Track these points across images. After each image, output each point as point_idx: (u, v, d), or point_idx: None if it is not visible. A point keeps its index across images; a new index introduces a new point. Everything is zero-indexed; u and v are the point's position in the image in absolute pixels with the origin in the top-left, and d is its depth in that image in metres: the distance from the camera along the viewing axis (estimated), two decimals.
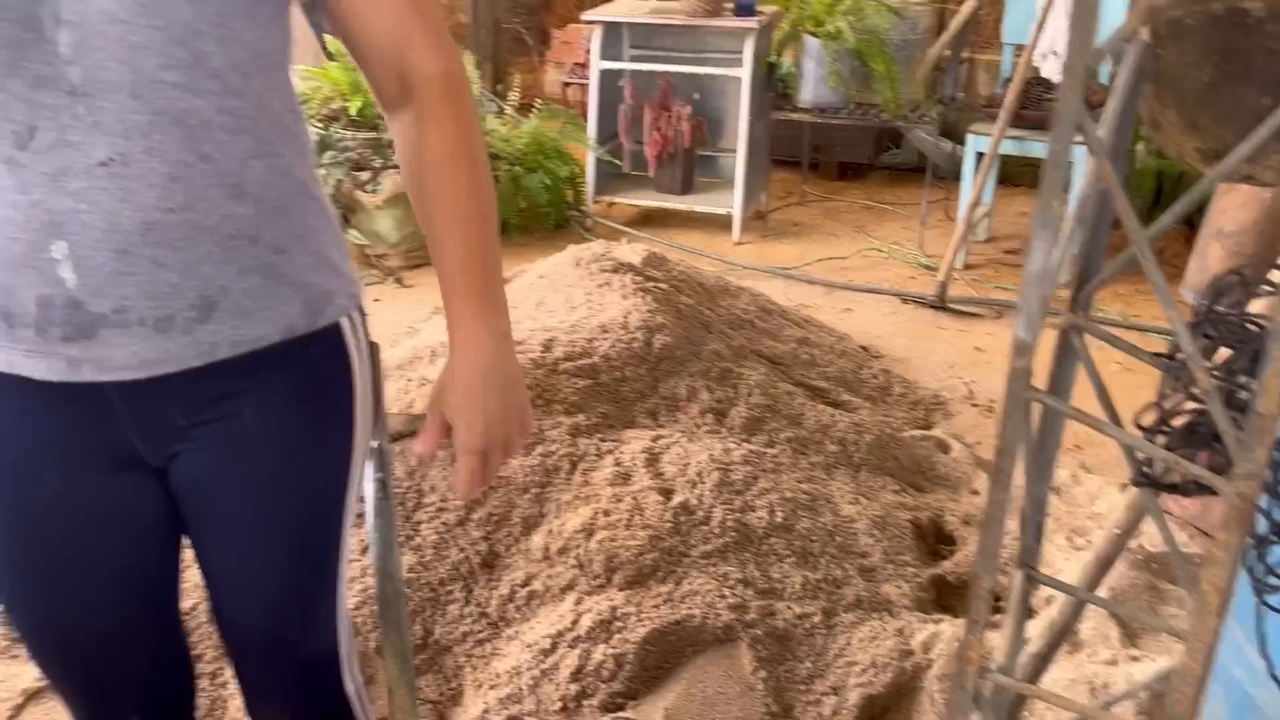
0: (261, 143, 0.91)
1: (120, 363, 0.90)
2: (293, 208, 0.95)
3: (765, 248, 4.10)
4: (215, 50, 0.85)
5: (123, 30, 0.81)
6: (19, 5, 0.78)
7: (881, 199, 4.59)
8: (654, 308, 2.45)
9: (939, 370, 3.06)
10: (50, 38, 0.79)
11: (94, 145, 0.82)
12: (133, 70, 0.82)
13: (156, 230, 0.86)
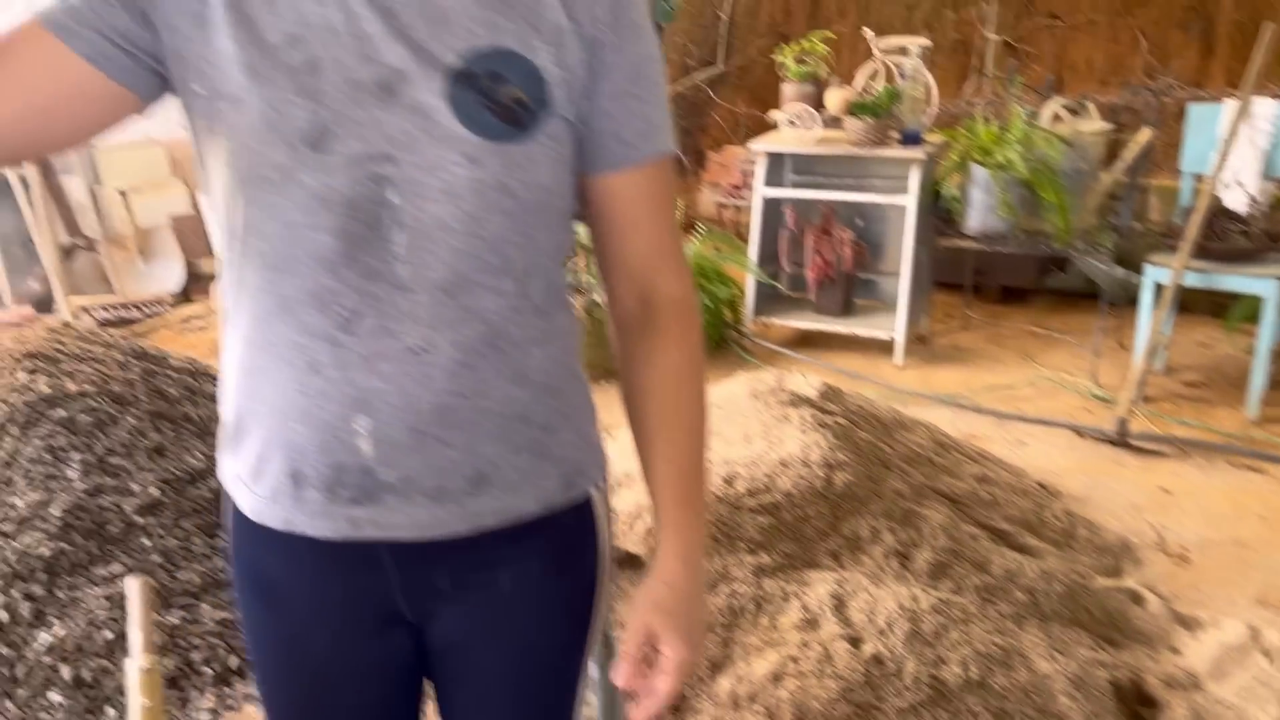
0: (541, 332, 0.97)
1: (398, 525, 0.96)
2: (563, 389, 1.01)
3: (928, 373, 4.05)
4: (518, 255, 0.93)
5: (449, 237, 0.88)
6: (369, 208, 0.87)
7: (1047, 325, 4.49)
8: (833, 443, 2.44)
9: (1124, 512, 2.94)
10: (388, 237, 0.88)
11: (407, 333, 0.89)
12: (452, 271, 0.89)
13: (448, 412, 0.92)
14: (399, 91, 0.86)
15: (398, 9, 0.87)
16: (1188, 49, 5.52)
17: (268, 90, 0.86)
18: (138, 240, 4.83)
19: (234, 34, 0.86)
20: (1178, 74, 5.45)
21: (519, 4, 0.90)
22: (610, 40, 0.93)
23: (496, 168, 0.88)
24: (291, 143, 0.85)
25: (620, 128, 0.95)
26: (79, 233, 4.69)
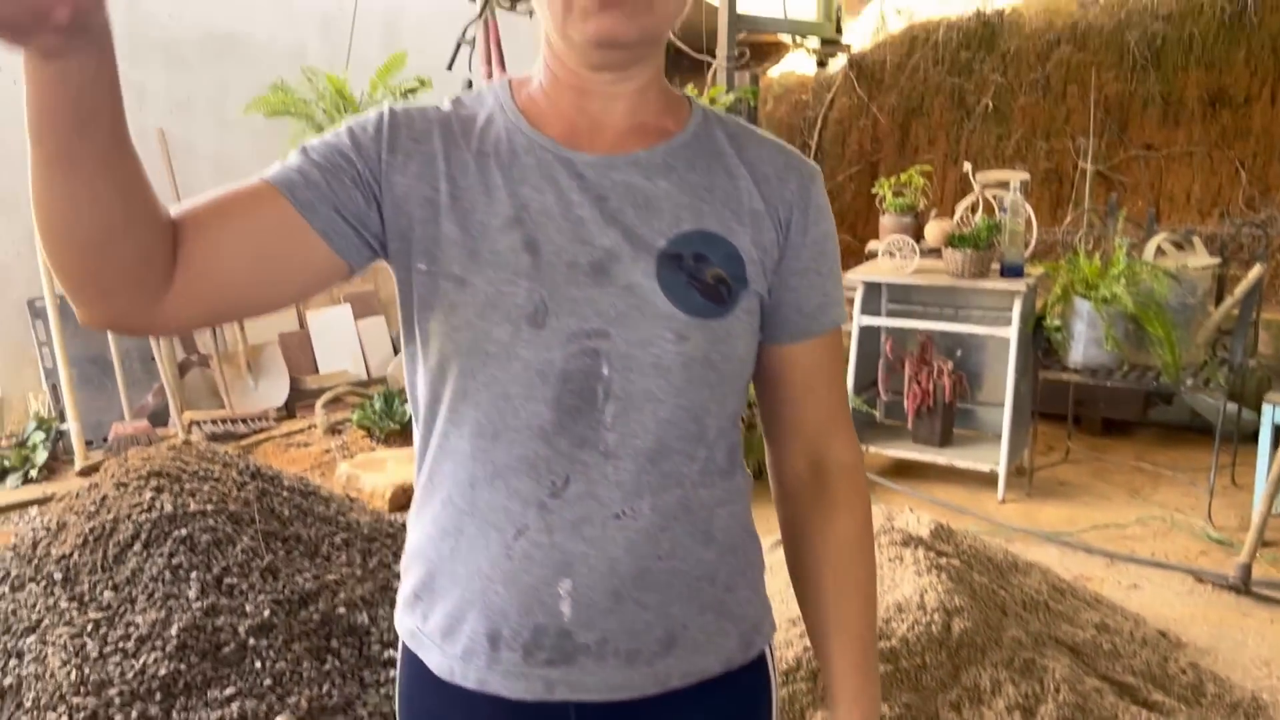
0: (725, 492, 1.00)
1: (591, 686, 0.97)
2: (742, 547, 1.03)
3: (1032, 508, 3.95)
4: (712, 423, 0.97)
5: (656, 407, 0.93)
6: (582, 380, 0.91)
7: (1154, 460, 4.37)
8: (949, 586, 2.38)
9: (1252, 666, 2.79)
10: (600, 408, 0.92)
11: (613, 499, 0.93)
12: (657, 439, 0.93)
13: (646, 576, 0.95)
14: (612, 272, 0.92)
15: (609, 195, 0.94)
16: None
17: (490, 271, 0.91)
18: (248, 356, 5.01)
19: (458, 219, 0.92)
20: None
21: (719, 190, 0.97)
22: (798, 221, 1.00)
23: (701, 342, 0.93)
24: (513, 320, 0.90)
25: (803, 301, 1.01)
26: (195, 350, 4.89)
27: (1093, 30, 6.17)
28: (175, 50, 4.97)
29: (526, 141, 0.96)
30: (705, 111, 1.03)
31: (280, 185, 0.90)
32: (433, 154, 0.94)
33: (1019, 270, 3.97)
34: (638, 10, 0.89)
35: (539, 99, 0.99)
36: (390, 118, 0.95)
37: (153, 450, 3.10)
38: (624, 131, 0.97)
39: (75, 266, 0.81)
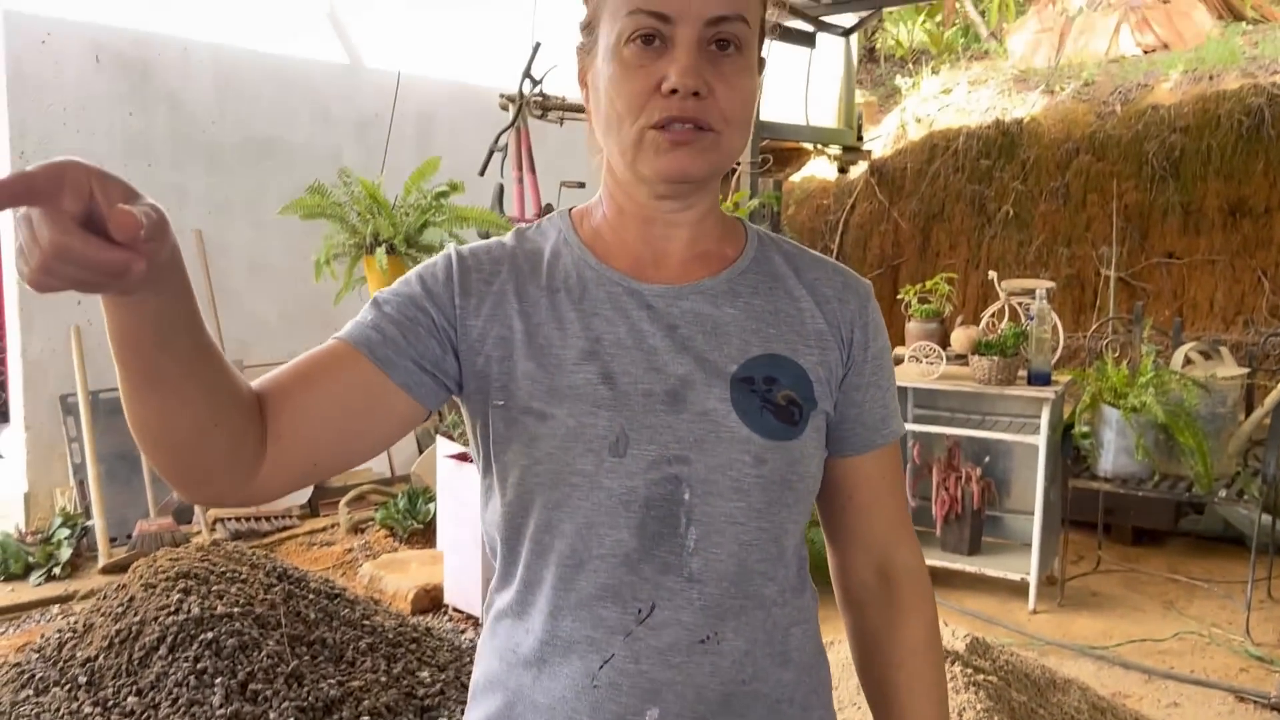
0: (798, 610, 1.01)
1: None
2: (815, 665, 1.03)
3: (1064, 619, 3.88)
4: (789, 542, 0.99)
5: (738, 530, 0.94)
6: (665, 506, 0.92)
7: (1188, 571, 4.29)
8: (987, 705, 2.33)
9: None
10: (682, 533, 0.93)
11: (698, 625, 0.93)
12: (739, 562, 0.94)
13: (731, 700, 0.95)
14: (687, 398, 0.94)
15: (678, 324, 0.96)
16: None
17: (571, 404, 0.93)
18: None
19: (534, 355, 0.95)
20: None
21: (783, 314, 1.00)
22: (860, 338, 1.03)
23: (779, 464, 0.94)
24: (596, 450, 0.92)
25: (865, 415, 1.04)
26: None
27: (1111, 140, 6.29)
28: (216, 154, 5.11)
29: (595, 275, 0.99)
30: (760, 235, 1.07)
31: (359, 344, 0.93)
32: (504, 293, 0.97)
33: (1046, 378, 3.97)
34: (706, 148, 0.92)
35: (604, 231, 1.02)
36: (459, 262, 0.98)
37: (181, 551, 3.10)
38: (687, 260, 1.01)
39: (174, 465, 0.84)
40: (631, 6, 0.91)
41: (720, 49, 0.91)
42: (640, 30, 0.90)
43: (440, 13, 5.72)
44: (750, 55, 0.94)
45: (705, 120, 0.91)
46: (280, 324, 5.35)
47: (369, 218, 3.87)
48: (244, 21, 5.15)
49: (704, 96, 0.90)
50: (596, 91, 0.96)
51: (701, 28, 0.90)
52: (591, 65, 0.97)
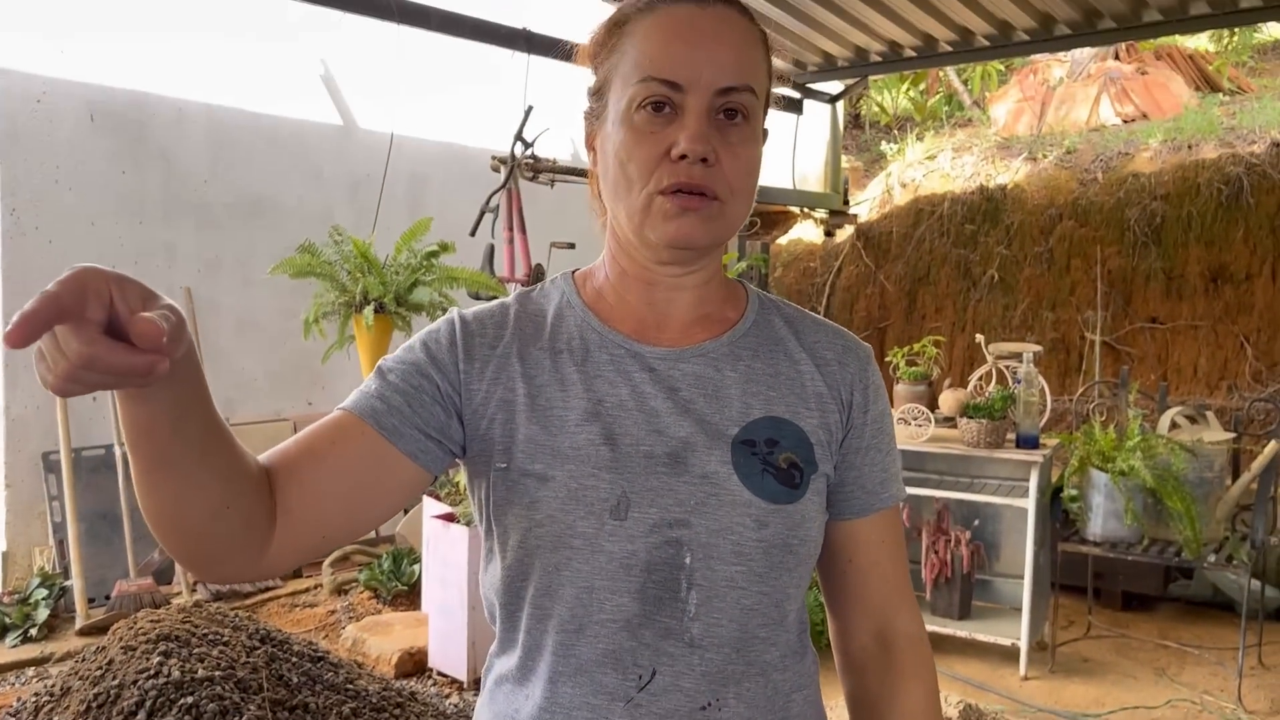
0: (799, 675, 1.00)
1: None
2: None
3: (1056, 686, 3.84)
4: (792, 606, 0.99)
5: (739, 595, 0.93)
6: (665, 570, 0.92)
7: (1179, 637, 4.27)
8: None
9: None
10: (683, 598, 0.92)
11: (699, 691, 0.92)
12: (740, 627, 0.93)
13: None
14: (688, 461, 0.94)
15: (680, 386, 0.97)
16: None
17: (572, 466, 0.93)
18: None
19: (537, 417, 0.95)
20: None
21: (783, 376, 1.01)
22: (860, 401, 1.03)
23: (780, 528, 0.94)
24: (597, 513, 0.91)
25: (864, 478, 1.04)
26: None
27: (1093, 207, 6.39)
28: (207, 212, 5.13)
29: (598, 338, 0.99)
30: (760, 297, 1.08)
31: (364, 415, 0.93)
32: (507, 356, 0.98)
33: (1034, 441, 3.98)
34: (712, 216, 0.94)
35: (607, 294, 1.03)
36: (463, 327, 0.99)
37: (162, 613, 3.04)
38: (690, 323, 1.01)
39: (187, 548, 0.85)
40: (643, 74, 0.93)
41: (728, 118, 0.93)
42: (652, 97, 0.92)
43: (433, 75, 5.79)
44: (756, 125, 0.96)
45: (712, 188, 0.92)
46: (267, 382, 5.33)
47: (359, 276, 3.87)
48: (239, 82, 5.21)
49: (711, 164, 0.92)
50: (605, 156, 0.97)
51: (711, 97, 0.92)
52: (600, 130, 0.99)
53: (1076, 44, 5.84)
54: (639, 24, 0.96)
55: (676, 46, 0.92)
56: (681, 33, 0.93)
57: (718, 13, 0.95)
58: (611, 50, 0.98)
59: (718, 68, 0.92)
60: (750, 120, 0.95)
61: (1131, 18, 5.23)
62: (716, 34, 0.93)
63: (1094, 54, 7.75)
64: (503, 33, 4.98)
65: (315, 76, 5.58)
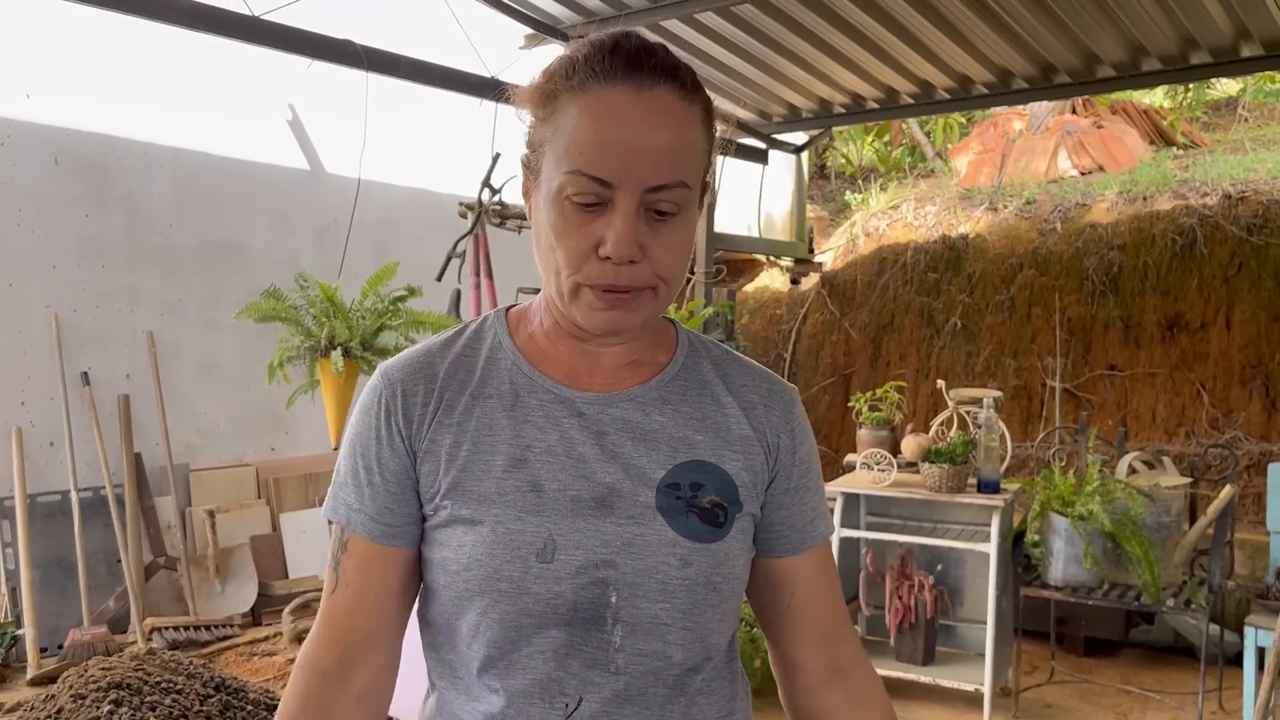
0: (728, 700, 1.04)
1: None
2: None
3: None
4: (719, 639, 1.01)
5: (664, 630, 0.96)
6: (591, 608, 0.95)
7: (1141, 683, 4.29)
8: None
9: None
10: (609, 631, 0.95)
11: (624, 716, 0.95)
12: (664, 660, 0.96)
13: None
14: (614, 505, 0.96)
15: (608, 431, 0.99)
16: (1251, 403, 5.64)
17: (499, 510, 0.95)
18: (217, 561, 4.90)
19: (465, 462, 0.98)
20: (1243, 426, 5.53)
21: (709, 420, 1.03)
22: (786, 443, 1.06)
23: (704, 566, 0.97)
24: (523, 556, 0.94)
25: (794, 518, 1.07)
26: (163, 551, 4.79)
27: (1053, 256, 6.50)
28: (172, 256, 5.11)
29: (528, 382, 1.01)
30: (690, 340, 1.09)
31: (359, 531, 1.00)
32: (439, 406, 1.00)
33: (996, 486, 4.01)
34: (641, 305, 0.95)
35: (539, 339, 1.04)
36: (394, 394, 1.01)
37: (115, 660, 2.99)
38: (620, 369, 1.03)
39: None
40: (573, 165, 0.90)
41: (659, 215, 0.92)
42: (581, 194, 0.90)
43: (401, 121, 5.84)
44: (690, 212, 0.95)
45: (639, 284, 0.93)
46: (230, 427, 5.28)
47: (325, 321, 3.87)
48: (205, 126, 5.22)
49: (639, 261, 0.91)
50: (536, 223, 0.97)
51: (641, 194, 0.90)
52: (535, 189, 0.97)
53: (1033, 98, 5.99)
54: (572, 103, 0.92)
55: (609, 139, 0.89)
56: (614, 124, 0.89)
57: (654, 100, 0.90)
58: (544, 120, 0.95)
59: (650, 165, 0.89)
60: (683, 211, 0.93)
61: (1085, 73, 5.37)
62: (651, 125, 0.90)
63: (1052, 108, 7.94)
64: (471, 81, 5.04)
65: (283, 121, 5.60)
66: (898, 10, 4.83)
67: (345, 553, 1.01)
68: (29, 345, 4.57)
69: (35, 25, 4.56)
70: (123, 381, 4.86)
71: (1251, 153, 6.94)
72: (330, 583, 1.02)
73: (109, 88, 4.85)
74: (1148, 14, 4.61)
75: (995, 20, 4.83)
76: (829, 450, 6.79)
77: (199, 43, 4.54)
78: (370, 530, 0.99)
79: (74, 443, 4.57)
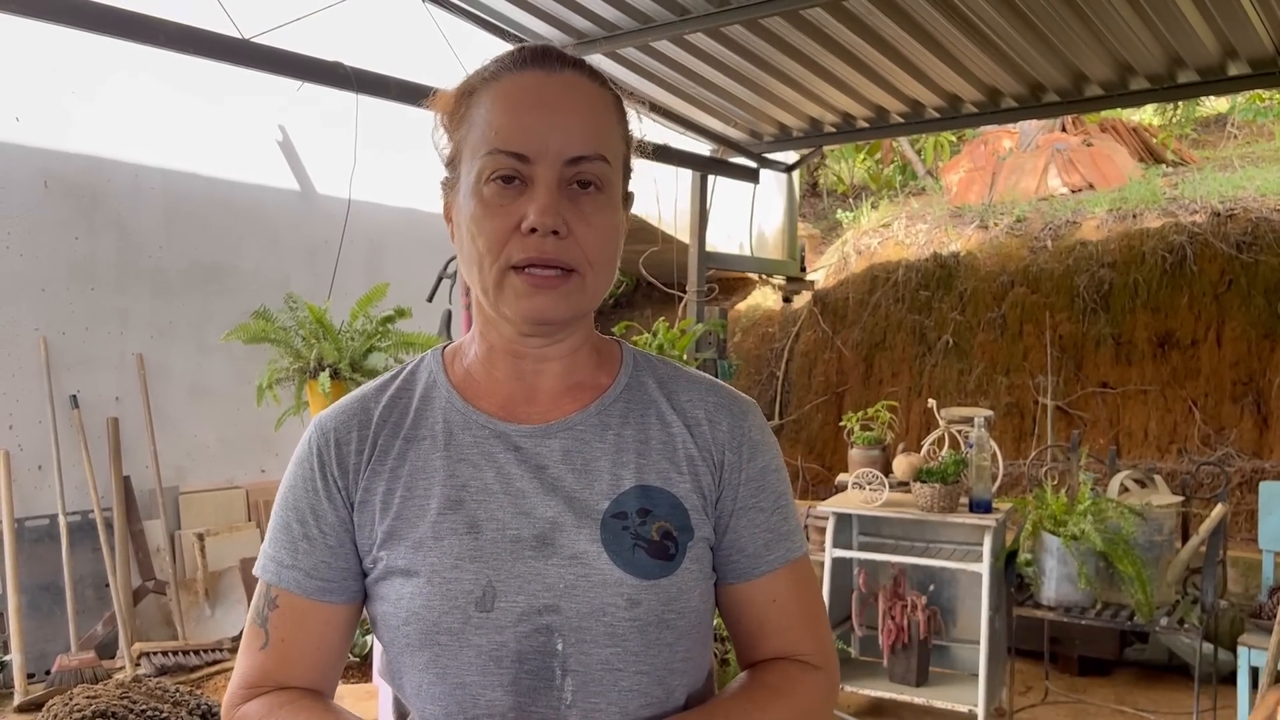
0: None
1: None
2: None
3: None
4: (679, 682, 0.95)
5: (616, 677, 0.90)
6: (537, 659, 0.89)
7: (1135, 703, 4.27)
8: None
9: None
10: (559, 686, 0.89)
11: None
12: (620, 710, 0.91)
13: None
14: (557, 542, 0.91)
15: (547, 464, 0.94)
16: (1243, 420, 5.64)
17: (434, 558, 0.91)
18: (206, 584, 4.87)
19: (399, 509, 0.94)
20: (1235, 443, 5.53)
21: (654, 441, 0.98)
22: (731, 460, 0.99)
23: (655, 604, 0.91)
24: (462, 606, 0.89)
25: (743, 541, 1.00)
26: (152, 575, 4.76)
27: (1044, 274, 6.52)
28: (161, 278, 5.10)
29: (462, 419, 0.97)
30: (636, 357, 1.05)
31: (292, 589, 0.97)
32: (373, 452, 0.97)
33: (987, 505, 4.00)
34: (569, 292, 0.92)
35: (474, 370, 1.01)
36: (322, 440, 0.99)
37: (100, 688, 2.96)
38: (559, 394, 0.99)
39: None
40: (490, 146, 0.90)
41: (581, 188, 0.91)
42: (500, 170, 0.90)
43: (391, 142, 5.84)
44: (612, 193, 0.94)
45: (565, 261, 0.90)
46: (219, 448, 5.26)
47: (314, 342, 3.85)
48: (195, 148, 5.22)
49: (564, 236, 0.90)
50: (459, 228, 0.95)
51: (561, 167, 0.90)
52: (455, 201, 0.96)
53: (1022, 116, 6.02)
54: (485, 93, 0.93)
55: (523, 116, 0.90)
56: (528, 102, 0.91)
57: (565, 80, 0.92)
58: (461, 120, 0.95)
59: (566, 137, 0.90)
60: (605, 189, 0.93)
61: (1074, 92, 5.40)
62: (565, 102, 0.91)
63: (1042, 126, 7.98)
64: None
65: (273, 143, 5.60)
66: (887, 31, 4.85)
67: (275, 609, 0.96)
68: (17, 368, 4.54)
69: (24, 48, 4.56)
70: (112, 404, 4.83)
71: (1240, 170, 6.98)
72: (257, 639, 0.97)
73: (98, 111, 4.85)
74: (1135, 34, 4.63)
75: (984, 40, 4.85)
76: (821, 469, 6.78)
77: (189, 65, 4.54)
78: (304, 586, 0.96)
79: (62, 466, 4.54)
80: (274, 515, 1.00)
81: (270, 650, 0.96)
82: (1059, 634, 4.48)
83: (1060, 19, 4.55)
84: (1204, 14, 4.41)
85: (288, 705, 0.92)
